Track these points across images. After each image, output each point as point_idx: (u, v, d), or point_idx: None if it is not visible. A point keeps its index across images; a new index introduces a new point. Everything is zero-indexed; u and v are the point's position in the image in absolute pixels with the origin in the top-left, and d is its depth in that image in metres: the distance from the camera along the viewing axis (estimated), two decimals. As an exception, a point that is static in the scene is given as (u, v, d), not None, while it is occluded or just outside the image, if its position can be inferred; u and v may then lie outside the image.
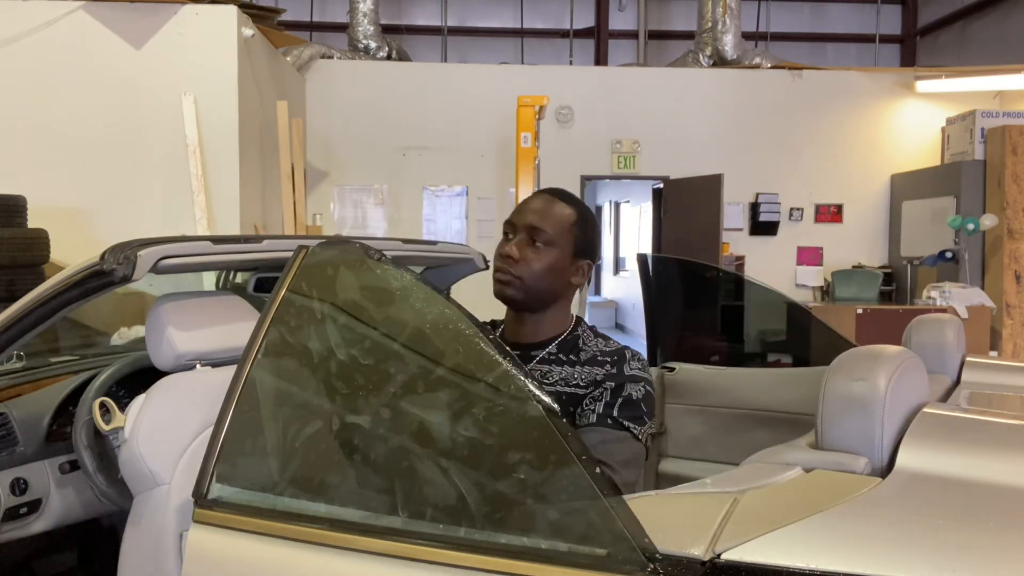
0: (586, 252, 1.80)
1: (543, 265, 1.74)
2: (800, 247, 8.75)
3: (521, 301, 1.77)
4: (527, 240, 1.75)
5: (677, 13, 11.04)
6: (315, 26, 10.55)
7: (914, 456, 1.19)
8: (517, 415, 1.25)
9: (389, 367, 1.46)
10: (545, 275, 1.75)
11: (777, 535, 0.99)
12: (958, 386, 1.89)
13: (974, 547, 0.97)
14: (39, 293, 1.73)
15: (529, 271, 1.74)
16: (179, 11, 5.94)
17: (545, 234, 1.74)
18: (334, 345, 1.50)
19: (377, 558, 1.17)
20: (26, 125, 5.87)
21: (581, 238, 1.78)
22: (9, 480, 1.98)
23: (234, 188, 6.06)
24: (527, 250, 1.74)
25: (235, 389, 1.41)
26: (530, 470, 1.20)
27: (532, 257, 1.74)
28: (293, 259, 1.50)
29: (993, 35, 9.85)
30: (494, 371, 1.27)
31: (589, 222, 1.81)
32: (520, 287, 1.74)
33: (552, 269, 1.75)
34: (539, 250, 1.74)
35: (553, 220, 1.75)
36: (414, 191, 8.55)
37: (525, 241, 1.75)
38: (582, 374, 1.75)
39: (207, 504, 1.35)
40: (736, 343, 4.74)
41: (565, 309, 1.84)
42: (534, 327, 1.80)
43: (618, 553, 1.02)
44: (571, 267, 1.78)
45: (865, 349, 1.37)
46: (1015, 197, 7.32)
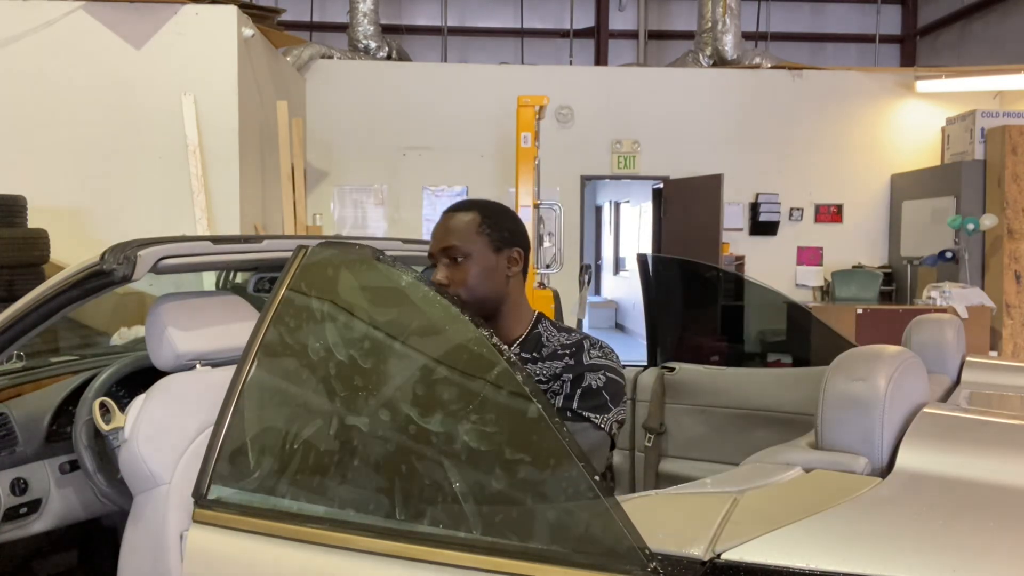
0: (509, 242, 1.81)
1: (471, 276, 1.77)
2: (800, 247, 8.75)
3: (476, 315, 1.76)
4: (448, 262, 1.78)
5: (677, 13, 11.04)
6: (315, 26, 10.55)
7: (914, 456, 1.19)
8: (516, 415, 1.25)
9: (388, 367, 1.46)
10: (478, 283, 1.78)
11: (777, 535, 0.99)
12: (958, 386, 1.89)
13: (974, 547, 0.97)
14: (39, 293, 1.73)
15: (463, 288, 1.76)
16: (179, 11, 5.94)
17: (456, 248, 1.77)
18: (334, 345, 1.50)
19: (377, 558, 1.17)
20: (26, 125, 5.87)
21: (494, 233, 1.80)
22: (9, 480, 1.98)
23: (234, 188, 6.05)
24: (451, 271, 1.78)
25: (235, 389, 1.41)
26: (530, 470, 1.21)
27: (457, 275, 1.77)
28: (293, 259, 1.50)
29: (993, 35, 9.85)
30: (493, 371, 1.27)
31: (496, 215, 1.83)
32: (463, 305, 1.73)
33: (481, 275, 1.78)
34: (460, 265, 1.77)
35: (457, 232, 1.78)
36: (414, 191, 8.55)
37: (447, 264, 1.78)
38: (544, 369, 1.78)
39: (207, 504, 1.35)
40: (736, 343, 4.74)
41: (520, 305, 1.86)
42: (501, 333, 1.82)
43: (618, 553, 1.01)
44: (499, 263, 1.80)
45: (865, 349, 1.37)
46: (1015, 197, 7.32)
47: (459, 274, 1.77)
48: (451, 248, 1.78)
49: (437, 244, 1.81)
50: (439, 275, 1.79)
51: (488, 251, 1.79)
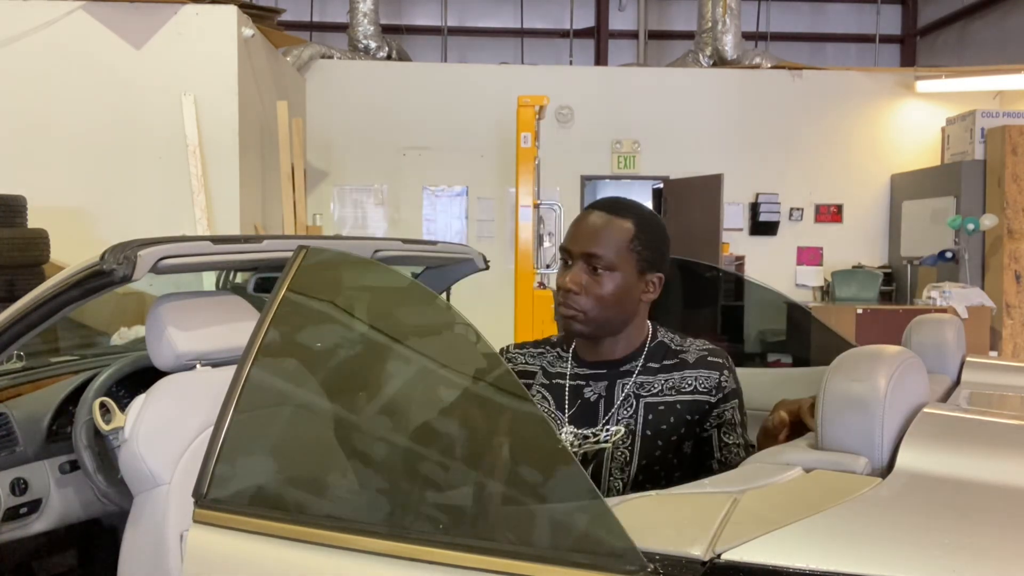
0: (654, 265, 1.66)
1: (607, 293, 1.61)
2: (800, 247, 8.75)
3: (591, 333, 1.66)
4: (586, 268, 1.61)
5: (677, 13, 11.04)
6: (315, 26, 10.54)
7: (914, 456, 1.19)
8: (516, 416, 1.25)
9: (389, 367, 1.46)
10: (611, 302, 1.62)
11: (777, 535, 0.99)
12: (958, 386, 1.89)
13: (974, 547, 0.97)
14: (39, 293, 1.73)
15: (592, 303, 1.61)
16: (179, 11, 5.94)
17: (603, 259, 1.60)
18: (334, 345, 1.50)
19: (377, 558, 1.17)
20: (26, 125, 5.87)
21: (645, 252, 1.64)
22: (9, 480, 1.98)
23: (234, 188, 6.06)
24: (587, 279, 1.61)
25: (235, 389, 1.41)
26: (529, 470, 1.21)
27: (593, 286, 1.61)
28: (293, 259, 1.50)
29: (993, 35, 9.85)
30: (493, 372, 1.27)
31: (652, 231, 1.66)
32: (586, 320, 1.63)
33: (617, 294, 1.62)
34: (600, 277, 1.61)
35: (609, 241, 1.61)
36: (414, 191, 8.55)
37: (584, 269, 1.61)
38: (700, 378, 1.67)
39: (207, 504, 1.35)
40: (736, 343, 4.74)
41: (642, 323, 1.73)
42: (611, 347, 1.70)
43: (618, 553, 1.01)
44: (639, 285, 1.65)
45: (865, 349, 1.37)
46: (1015, 197, 7.32)
47: (594, 285, 1.61)
48: (595, 256, 1.60)
49: (580, 244, 1.63)
50: (570, 278, 1.62)
51: (633, 270, 1.63)
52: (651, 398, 1.66)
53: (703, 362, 1.69)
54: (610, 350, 1.70)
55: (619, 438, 1.65)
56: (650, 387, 1.67)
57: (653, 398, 1.66)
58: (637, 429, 1.65)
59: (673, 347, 1.73)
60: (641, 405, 1.66)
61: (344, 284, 1.63)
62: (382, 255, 2.19)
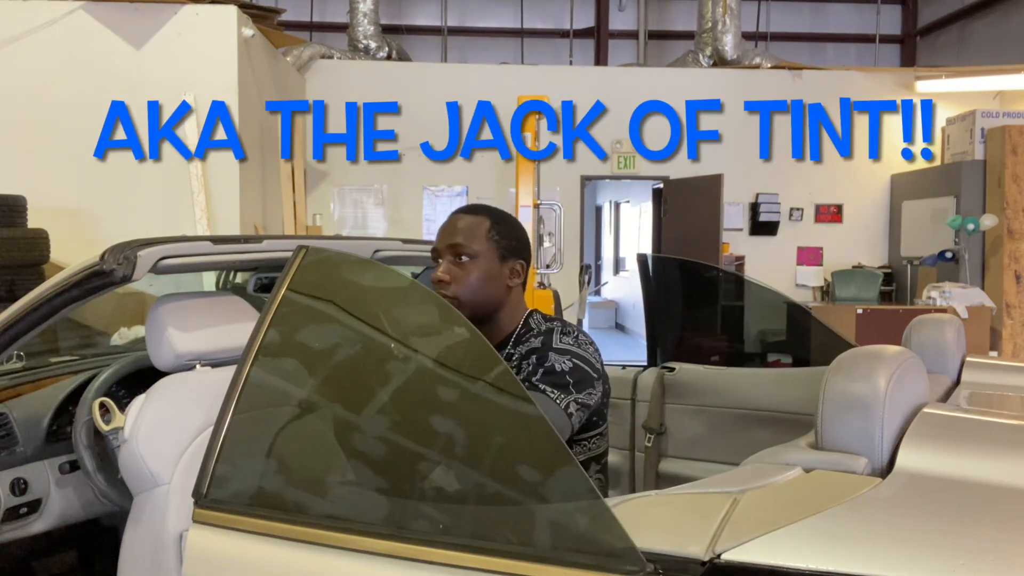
0: (514, 252, 1.84)
1: (474, 277, 1.79)
2: (800, 247, 8.74)
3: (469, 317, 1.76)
4: (452, 259, 1.80)
5: (677, 13, 11.04)
6: (315, 26, 10.54)
7: (914, 456, 1.19)
8: (516, 416, 1.25)
9: (388, 368, 1.46)
10: (480, 286, 1.80)
11: (777, 535, 0.99)
12: (958, 386, 1.89)
13: (974, 547, 0.97)
14: (39, 293, 1.73)
15: (463, 288, 1.79)
16: (179, 11, 5.94)
17: (465, 247, 1.79)
18: (334, 345, 1.50)
19: (377, 558, 1.17)
20: (26, 125, 5.87)
21: (503, 242, 1.82)
22: (9, 480, 1.98)
23: (234, 188, 6.06)
24: (454, 269, 1.79)
25: (235, 389, 1.41)
26: (530, 470, 1.21)
27: (460, 274, 1.79)
28: (293, 259, 1.50)
29: (993, 35, 9.85)
30: (492, 372, 1.27)
31: (505, 224, 1.85)
32: (460, 305, 1.78)
33: (484, 278, 1.80)
34: (465, 265, 1.79)
35: (468, 232, 1.80)
36: (414, 191, 8.54)
37: (451, 261, 1.80)
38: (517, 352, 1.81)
39: (207, 504, 1.35)
40: (736, 343, 4.74)
41: (515, 309, 1.88)
42: (488, 332, 1.84)
43: (618, 553, 1.01)
44: (503, 271, 1.83)
45: (865, 349, 1.37)
46: (1015, 197, 7.32)
47: (462, 273, 1.79)
48: (458, 246, 1.79)
49: (443, 240, 1.83)
50: (440, 271, 1.80)
51: (494, 257, 1.81)
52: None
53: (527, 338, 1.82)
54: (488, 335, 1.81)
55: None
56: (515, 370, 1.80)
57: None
58: None
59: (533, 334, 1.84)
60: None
61: (344, 284, 1.63)
62: (382, 255, 2.19)
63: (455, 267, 1.80)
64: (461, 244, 1.79)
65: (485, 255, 1.80)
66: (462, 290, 1.79)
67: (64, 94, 5.91)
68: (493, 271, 1.81)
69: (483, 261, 1.80)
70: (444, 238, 1.83)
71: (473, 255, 1.80)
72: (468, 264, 1.79)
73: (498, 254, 1.82)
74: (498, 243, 1.82)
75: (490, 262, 1.81)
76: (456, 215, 1.87)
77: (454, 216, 1.87)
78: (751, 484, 1.17)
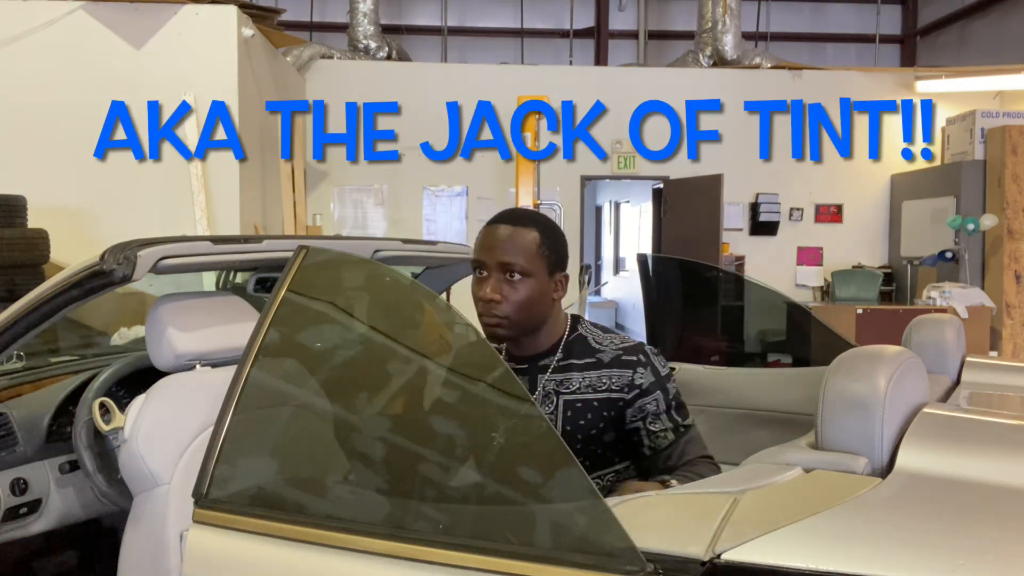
0: (560, 264, 1.79)
1: (524, 297, 1.73)
2: (800, 247, 8.74)
3: (514, 336, 1.78)
4: (503, 277, 1.73)
5: (677, 13, 11.04)
6: (315, 26, 10.54)
7: (914, 456, 1.19)
8: (516, 417, 1.25)
9: (388, 368, 1.46)
10: (531, 304, 1.74)
11: (777, 535, 0.99)
12: (958, 386, 1.89)
13: (974, 547, 0.97)
14: (39, 293, 1.73)
15: (513, 307, 1.72)
16: (179, 11, 5.94)
17: (518, 266, 1.72)
18: (334, 345, 1.50)
19: (377, 558, 1.17)
20: (26, 125, 5.87)
21: (552, 256, 1.76)
22: (9, 480, 1.98)
23: (234, 188, 6.06)
24: (505, 287, 1.72)
25: (235, 389, 1.41)
26: (529, 470, 1.21)
27: (511, 293, 1.72)
28: (293, 259, 1.50)
29: (993, 35, 9.84)
30: (492, 373, 1.27)
31: (553, 235, 1.79)
32: (509, 325, 1.74)
33: (535, 296, 1.74)
34: (516, 283, 1.72)
35: (521, 249, 1.72)
36: (414, 191, 8.54)
37: (501, 279, 1.73)
38: (613, 377, 1.77)
39: (207, 504, 1.35)
40: (736, 343, 4.74)
41: (558, 317, 1.84)
42: (531, 343, 1.82)
43: (618, 553, 1.02)
44: (551, 284, 1.78)
45: (865, 349, 1.37)
46: (1015, 197, 7.32)
47: (513, 292, 1.72)
48: (511, 265, 1.71)
49: (492, 255, 1.73)
50: (490, 290, 1.72)
51: (544, 273, 1.75)
52: (569, 395, 1.79)
53: (617, 362, 1.79)
54: (531, 346, 1.82)
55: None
56: (568, 384, 1.79)
57: (571, 395, 1.78)
58: (558, 425, 1.77)
59: (592, 344, 1.83)
60: (561, 402, 1.79)
61: (344, 284, 1.63)
62: (382, 255, 2.19)
63: (506, 285, 1.72)
64: (513, 263, 1.71)
65: (536, 272, 1.73)
66: (513, 310, 1.72)
67: (64, 94, 5.91)
68: (543, 287, 1.75)
69: (534, 279, 1.73)
70: (494, 253, 1.73)
71: (525, 273, 1.72)
72: (519, 282, 1.72)
73: (547, 269, 1.76)
74: (548, 258, 1.75)
75: (540, 279, 1.74)
76: (504, 226, 1.75)
77: (503, 228, 1.75)
78: (751, 484, 1.17)
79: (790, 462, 1.25)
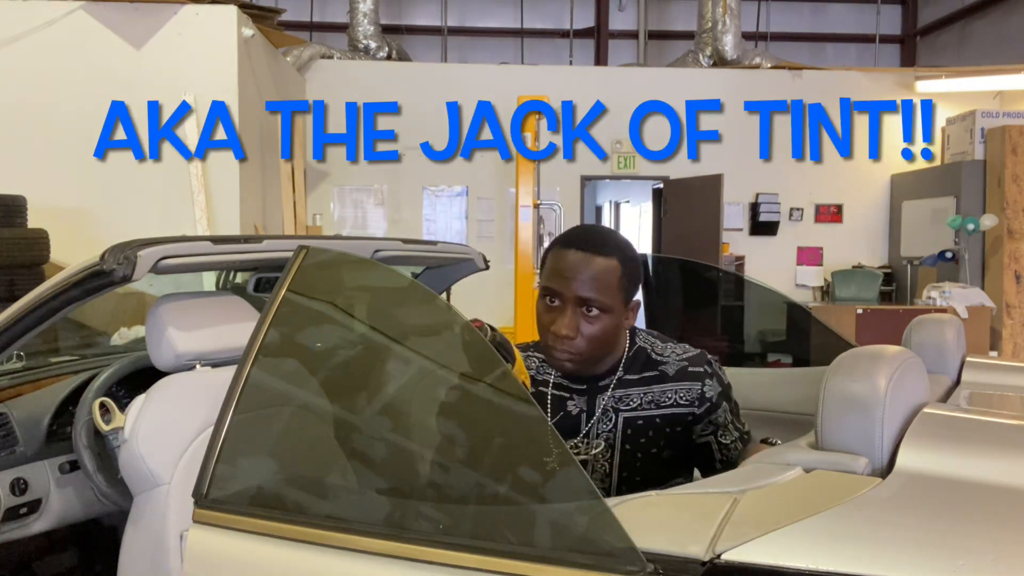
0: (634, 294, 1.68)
1: (600, 332, 1.62)
2: (800, 247, 8.74)
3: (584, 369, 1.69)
4: (580, 312, 1.61)
5: (677, 13, 11.04)
6: (315, 26, 10.54)
7: (914, 456, 1.19)
8: (516, 417, 1.25)
9: (388, 368, 1.46)
10: (607, 340, 1.65)
11: (777, 535, 0.99)
12: (958, 386, 1.89)
13: (974, 547, 0.97)
14: (39, 293, 1.73)
15: (587, 343, 1.62)
16: (179, 11, 5.94)
17: (598, 302, 1.60)
18: (334, 346, 1.50)
19: (377, 558, 1.17)
20: (26, 125, 5.87)
21: (630, 287, 1.65)
22: (9, 480, 1.98)
23: (234, 188, 6.06)
24: (582, 323, 1.61)
25: (235, 389, 1.41)
26: (529, 470, 1.21)
27: (587, 328, 1.61)
28: (293, 259, 1.50)
29: (993, 35, 9.84)
30: (492, 373, 1.27)
31: (634, 264, 1.67)
32: (581, 360, 1.65)
33: (611, 331, 1.64)
34: (593, 319, 1.61)
35: (603, 284, 1.60)
36: (414, 191, 8.54)
37: (578, 314, 1.61)
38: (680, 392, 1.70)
39: (207, 504, 1.35)
40: (736, 343, 4.74)
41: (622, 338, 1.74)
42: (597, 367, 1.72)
43: (618, 553, 1.01)
44: (626, 314, 1.68)
45: (865, 349, 1.37)
46: (1015, 197, 7.32)
47: (589, 327, 1.61)
48: (592, 300, 1.60)
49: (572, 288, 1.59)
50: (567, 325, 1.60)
51: (622, 306, 1.65)
52: (629, 412, 1.71)
53: (683, 374, 1.71)
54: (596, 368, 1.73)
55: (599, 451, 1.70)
56: (628, 401, 1.71)
57: (631, 412, 1.71)
58: (616, 444, 1.70)
59: (653, 356, 1.74)
60: (620, 419, 1.71)
61: (344, 284, 1.63)
62: (382, 255, 2.19)
63: (584, 321, 1.60)
64: (595, 299, 1.59)
65: (615, 306, 1.62)
66: (587, 346, 1.62)
67: (64, 94, 5.91)
68: (619, 320, 1.64)
69: (612, 313, 1.62)
70: (571, 285, 1.59)
71: (603, 308, 1.60)
72: (596, 317, 1.61)
73: (624, 301, 1.65)
74: (626, 290, 1.64)
75: (617, 312, 1.63)
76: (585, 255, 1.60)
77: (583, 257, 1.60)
78: (751, 484, 1.17)
79: (790, 462, 1.25)
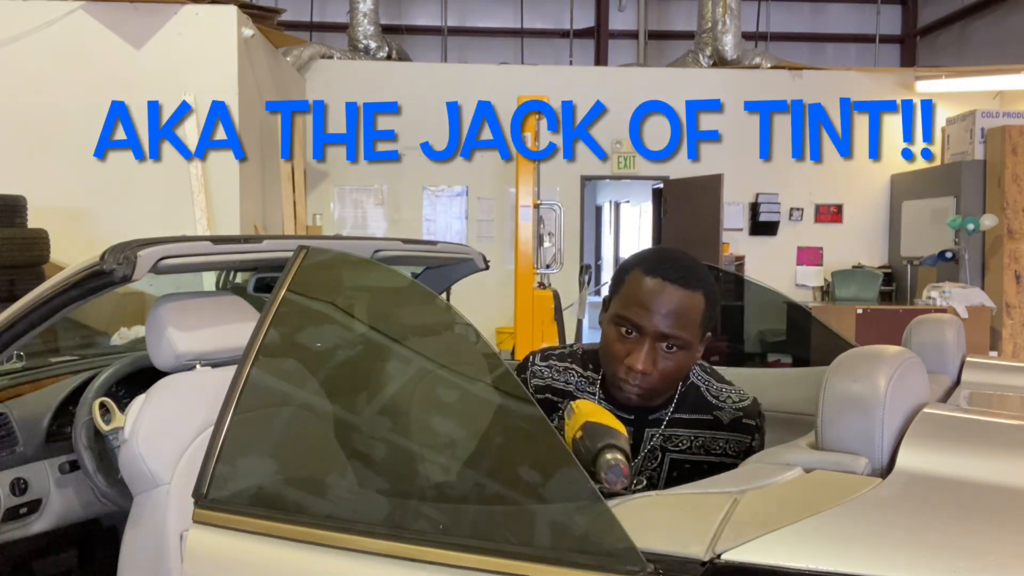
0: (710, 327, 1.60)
1: (675, 368, 1.55)
2: (800, 247, 8.74)
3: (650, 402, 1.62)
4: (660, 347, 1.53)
5: (677, 13, 11.04)
6: (315, 26, 10.54)
7: (914, 456, 1.19)
8: (516, 417, 1.25)
9: (388, 368, 1.46)
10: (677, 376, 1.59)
11: (777, 535, 0.99)
12: (958, 386, 1.89)
13: (974, 547, 0.97)
14: (39, 293, 1.73)
15: (661, 379, 1.55)
16: (179, 11, 5.95)
17: (679, 339, 1.53)
18: (334, 346, 1.50)
19: (377, 558, 1.17)
20: (26, 125, 5.87)
21: (708, 323, 1.57)
22: (9, 480, 1.98)
23: (234, 188, 6.06)
24: (659, 359, 1.53)
25: (235, 389, 1.41)
26: (530, 471, 1.21)
27: (663, 364, 1.54)
28: (293, 259, 1.50)
29: (993, 35, 9.84)
30: (493, 373, 1.27)
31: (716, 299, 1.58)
32: (651, 394, 1.58)
33: (684, 367, 1.58)
34: (671, 355, 1.54)
35: (687, 321, 1.52)
36: (414, 191, 8.54)
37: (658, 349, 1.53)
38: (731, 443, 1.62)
39: (207, 504, 1.35)
40: (736, 343, 4.74)
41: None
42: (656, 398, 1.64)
43: (618, 553, 1.01)
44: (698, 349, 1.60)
45: (865, 349, 1.37)
46: (1015, 197, 7.32)
47: (666, 364, 1.54)
48: (674, 337, 1.52)
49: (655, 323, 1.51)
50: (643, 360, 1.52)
51: (699, 341, 1.58)
52: (678, 454, 1.63)
53: (737, 425, 1.63)
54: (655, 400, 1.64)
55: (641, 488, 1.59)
56: (678, 442, 1.63)
57: (680, 454, 1.62)
58: (660, 484, 1.62)
59: (708, 397, 1.66)
60: (667, 460, 1.63)
61: (344, 284, 1.63)
62: (382, 255, 2.19)
63: (661, 356, 1.53)
64: (678, 337, 1.52)
65: (693, 344, 1.55)
66: (661, 382, 1.55)
67: (64, 94, 5.91)
68: (693, 356, 1.58)
69: (689, 350, 1.55)
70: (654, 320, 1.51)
71: (685, 346, 1.54)
72: (674, 354, 1.54)
73: (702, 337, 1.57)
74: (705, 327, 1.57)
75: (694, 348, 1.56)
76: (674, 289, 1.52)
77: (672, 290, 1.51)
78: (751, 484, 1.17)
79: (790, 462, 1.25)
